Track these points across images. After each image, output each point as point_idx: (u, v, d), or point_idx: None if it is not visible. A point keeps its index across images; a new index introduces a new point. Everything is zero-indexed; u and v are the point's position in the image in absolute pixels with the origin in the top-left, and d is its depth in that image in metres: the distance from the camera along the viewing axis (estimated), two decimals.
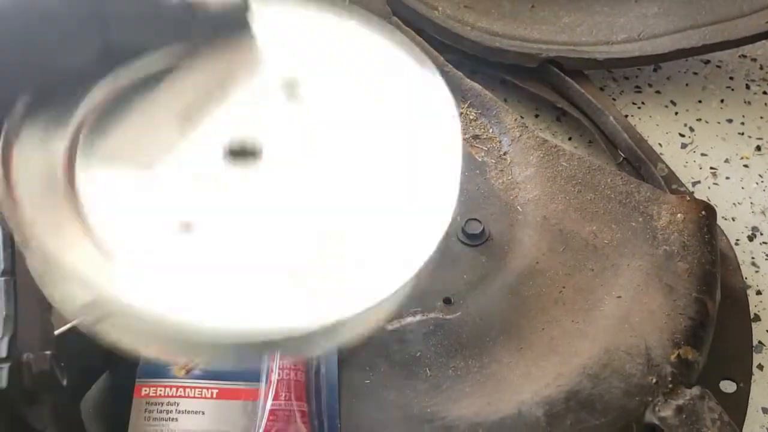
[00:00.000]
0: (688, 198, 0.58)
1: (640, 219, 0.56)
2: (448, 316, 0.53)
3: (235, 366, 0.44)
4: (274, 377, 0.46)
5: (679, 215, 0.56)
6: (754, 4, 0.71)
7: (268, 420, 0.44)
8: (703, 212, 0.56)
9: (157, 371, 0.46)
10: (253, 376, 0.47)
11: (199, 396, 0.46)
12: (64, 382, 0.39)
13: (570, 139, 0.71)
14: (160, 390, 0.46)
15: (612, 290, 0.53)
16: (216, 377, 0.47)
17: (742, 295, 0.59)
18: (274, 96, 0.34)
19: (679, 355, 0.50)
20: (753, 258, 0.63)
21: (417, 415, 0.47)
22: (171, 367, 0.47)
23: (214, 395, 0.46)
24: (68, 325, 0.43)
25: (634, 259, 0.54)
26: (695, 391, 0.48)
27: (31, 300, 0.39)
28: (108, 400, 0.48)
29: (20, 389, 0.35)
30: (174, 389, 0.46)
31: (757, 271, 0.62)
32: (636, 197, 0.57)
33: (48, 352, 0.37)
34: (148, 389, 0.46)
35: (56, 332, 0.41)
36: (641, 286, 0.53)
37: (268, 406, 0.45)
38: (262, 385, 0.47)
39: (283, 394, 0.45)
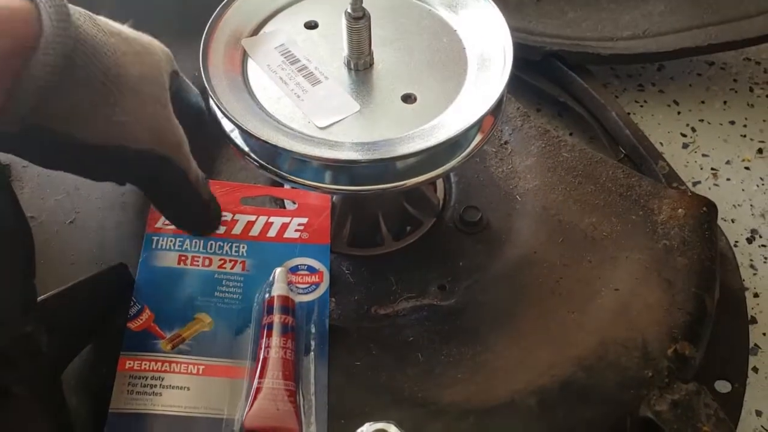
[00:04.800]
0: (690, 193, 0.57)
1: (641, 213, 0.56)
2: (442, 303, 0.52)
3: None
4: (263, 355, 0.45)
5: (680, 210, 0.55)
6: (761, 5, 0.70)
7: (254, 398, 0.43)
8: (704, 208, 0.56)
9: (143, 344, 0.45)
10: (241, 354, 0.46)
11: (185, 372, 0.45)
12: (44, 348, 0.37)
13: (571, 134, 0.70)
14: (145, 364, 0.44)
15: (610, 283, 0.52)
16: (202, 353, 0.46)
17: (740, 296, 0.58)
18: None
19: (675, 349, 0.49)
20: (752, 260, 0.62)
21: (408, 399, 0.46)
22: (157, 341, 0.45)
23: (201, 371, 0.45)
24: (51, 293, 0.42)
25: (633, 253, 0.53)
26: (691, 386, 0.47)
27: (14, 263, 0.38)
28: (91, 373, 0.46)
29: None
30: (159, 363, 0.45)
31: (755, 274, 0.62)
32: (637, 191, 0.57)
33: (29, 316, 0.36)
34: (132, 362, 0.44)
35: (39, 298, 0.40)
36: (640, 279, 0.52)
37: (255, 384, 0.44)
38: (249, 363, 0.46)
39: (271, 373, 0.44)
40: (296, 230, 0.52)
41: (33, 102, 0.34)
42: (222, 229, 0.51)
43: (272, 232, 0.52)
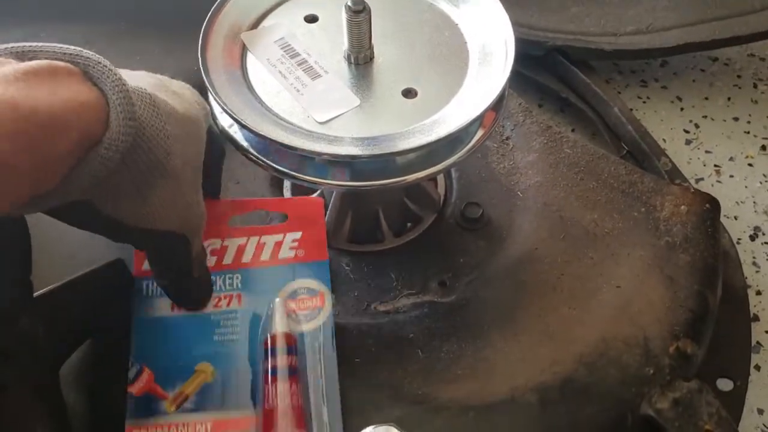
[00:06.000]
0: (692, 190, 0.57)
1: (643, 209, 0.55)
2: (442, 299, 0.51)
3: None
4: (269, 405, 0.43)
5: (682, 207, 0.55)
6: (765, 0, 0.70)
7: None
8: (707, 205, 0.55)
9: (146, 409, 0.44)
10: (248, 403, 0.44)
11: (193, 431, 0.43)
12: (41, 343, 0.37)
13: (573, 130, 0.70)
14: (152, 430, 0.43)
15: (611, 279, 0.52)
16: (208, 408, 0.44)
17: (743, 293, 0.58)
18: None
19: (677, 347, 0.48)
20: (754, 258, 0.62)
21: (408, 396, 0.46)
22: (161, 403, 0.44)
23: (209, 429, 0.43)
24: (47, 288, 0.42)
25: (635, 249, 0.53)
26: (693, 384, 0.47)
27: (10, 259, 0.38)
28: (90, 370, 0.46)
29: None
30: (166, 428, 0.43)
31: (757, 271, 0.61)
32: (639, 187, 0.56)
33: (26, 311, 0.36)
34: (138, 431, 0.43)
35: (36, 294, 0.40)
36: (641, 276, 0.52)
37: None
38: (256, 412, 0.44)
39: (281, 424, 0.42)
40: (291, 248, 0.49)
41: (84, 188, 0.35)
42: (212, 260, 0.48)
43: (266, 254, 0.49)
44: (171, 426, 0.43)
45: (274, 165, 0.46)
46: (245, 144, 0.47)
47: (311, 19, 0.51)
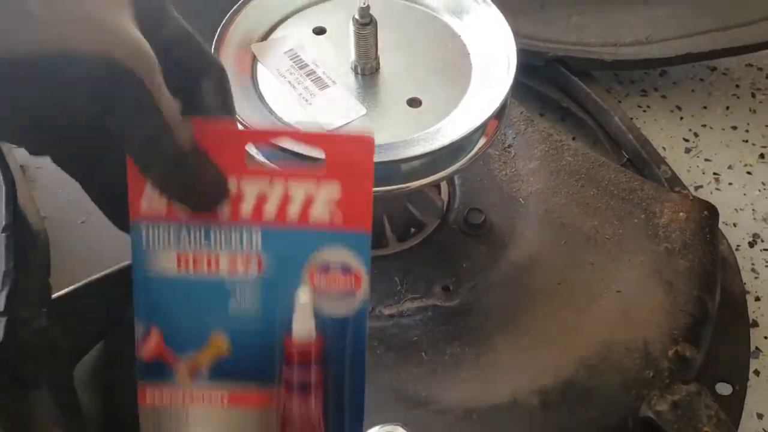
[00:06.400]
0: (691, 197, 0.58)
1: (642, 216, 0.56)
2: (446, 303, 0.52)
3: None
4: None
5: (681, 214, 0.56)
6: (764, 12, 0.71)
7: None
8: (706, 212, 0.56)
9: (159, 375, 0.38)
10: (266, 381, 0.39)
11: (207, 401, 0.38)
12: (59, 343, 0.38)
13: (574, 139, 0.71)
14: (166, 396, 0.38)
15: (612, 285, 0.53)
16: (224, 381, 0.38)
17: (741, 299, 0.59)
18: None
19: (677, 351, 0.49)
20: (753, 264, 0.63)
21: (412, 398, 0.47)
22: (173, 370, 0.38)
23: (225, 402, 0.38)
24: (64, 290, 0.43)
25: (635, 255, 0.54)
26: (692, 387, 0.48)
27: (30, 261, 0.39)
28: (102, 370, 0.47)
29: (16, 344, 0.35)
30: (180, 395, 0.38)
31: (756, 278, 0.62)
32: (639, 194, 0.57)
33: (45, 311, 0.37)
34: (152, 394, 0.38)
35: (54, 295, 0.41)
36: (641, 281, 0.53)
37: None
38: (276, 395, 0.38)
39: None
40: (326, 208, 0.36)
41: None
42: (225, 210, 0.36)
43: (293, 212, 0.36)
44: (185, 394, 0.38)
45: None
46: (254, 151, 0.49)
47: (319, 31, 0.52)
